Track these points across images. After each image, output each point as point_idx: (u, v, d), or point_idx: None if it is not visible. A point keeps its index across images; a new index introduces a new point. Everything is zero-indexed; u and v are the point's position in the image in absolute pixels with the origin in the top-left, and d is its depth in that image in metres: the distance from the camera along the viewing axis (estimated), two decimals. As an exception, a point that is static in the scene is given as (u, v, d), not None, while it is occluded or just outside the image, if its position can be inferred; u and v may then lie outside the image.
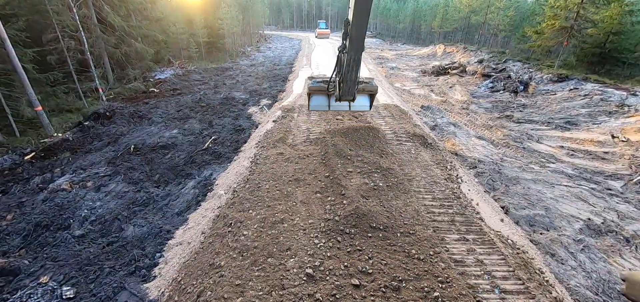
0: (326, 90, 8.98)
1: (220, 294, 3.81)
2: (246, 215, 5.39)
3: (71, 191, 8.46)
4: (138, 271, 5.27)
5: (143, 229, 6.44)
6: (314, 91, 9.17)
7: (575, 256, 5.54)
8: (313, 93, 9.25)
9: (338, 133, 8.85)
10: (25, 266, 5.82)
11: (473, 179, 7.77)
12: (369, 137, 8.62)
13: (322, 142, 8.39)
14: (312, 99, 9.55)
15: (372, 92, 9.31)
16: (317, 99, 9.58)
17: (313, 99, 9.53)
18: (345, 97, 8.39)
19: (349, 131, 9.04)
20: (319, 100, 9.61)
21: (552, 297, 4.17)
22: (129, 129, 13.07)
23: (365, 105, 9.93)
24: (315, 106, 9.74)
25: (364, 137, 8.61)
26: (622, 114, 11.29)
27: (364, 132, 8.92)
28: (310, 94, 9.27)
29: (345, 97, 8.34)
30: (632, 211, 6.99)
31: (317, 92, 9.23)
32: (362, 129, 9.23)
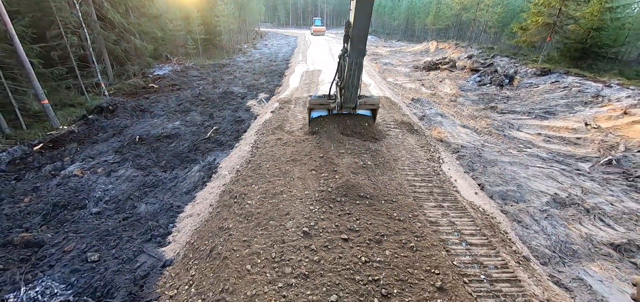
0: (327, 103, 8.62)
1: (230, 247, 4.51)
2: (249, 189, 6.08)
3: (83, 177, 9.06)
4: (154, 238, 5.94)
5: (155, 206, 7.10)
6: (315, 105, 8.74)
7: (539, 222, 6.32)
8: (314, 108, 8.84)
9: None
10: (49, 238, 6.45)
11: (454, 161, 8.53)
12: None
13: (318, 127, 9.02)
14: (313, 114, 9.24)
15: (373, 105, 8.88)
16: (318, 114, 9.31)
17: (314, 113, 9.23)
18: (347, 105, 8.15)
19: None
20: (320, 114, 9.34)
21: (511, 250, 4.92)
22: (132, 122, 13.63)
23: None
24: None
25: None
26: (597, 104, 12.14)
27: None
28: (311, 109, 8.85)
29: (347, 104, 8.10)
30: (596, 187, 7.80)
31: (318, 107, 8.83)
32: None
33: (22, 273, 5.43)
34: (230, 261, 4.26)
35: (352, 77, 7.37)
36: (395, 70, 23.02)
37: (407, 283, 3.85)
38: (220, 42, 34.74)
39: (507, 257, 4.63)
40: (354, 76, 7.36)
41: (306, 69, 21.20)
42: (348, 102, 8.03)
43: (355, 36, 6.72)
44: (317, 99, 8.70)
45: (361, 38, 6.78)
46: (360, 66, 7.25)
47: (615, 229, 6.31)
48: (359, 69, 7.27)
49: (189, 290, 4.10)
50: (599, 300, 4.59)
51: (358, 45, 6.85)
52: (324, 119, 8.89)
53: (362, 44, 6.88)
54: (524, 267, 4.60)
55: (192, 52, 29.95)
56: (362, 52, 7.02)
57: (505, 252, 4.77)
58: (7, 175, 9.44)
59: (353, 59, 7.06)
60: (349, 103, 8.08)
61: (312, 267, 4.08)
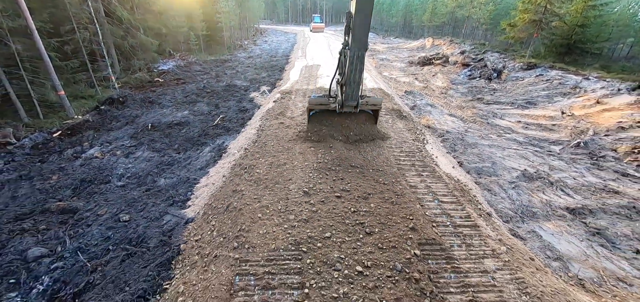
0: (327, 103, 8.11)
1: (243, 203, 5.50)
2: (257, 162, 7.07)
3: (103, 158, 10.02)
4: (175, 203, 6.92)
5: (173, 180, 8.07)
6: (315, 105, 8.20)
7: (506, 191, 7.33)
8: (314, 108, 8.29)
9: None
10: (82, 206, 7.42)
11: (438, 143, 9.53)
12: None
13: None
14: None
15: (375, 106, 8.28)
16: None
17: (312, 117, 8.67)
18: (349, 103, 7.61)
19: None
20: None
21: (476, 208, 5.93)
22: (142, 112, 14.55)
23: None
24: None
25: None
26: (574, 94, 13.14)
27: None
28: (310, 109, 8.31)
29: (349, 102, 7.57)
30: (562, 165, 8.81)
31: (317, 107, 8.30)
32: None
33: (65, 230, 6.41)
34: (244, 212, 5.25)
35: (354, 72, 6.88)
36: (391, 65, 23.98)
37: (387, 225, 4.84)
38: (222, 38, 35.61)
39: (471, 211, 5.63)
40: (355, 71, 6.87)
41: (305, 63, 22.13)
42: (349, 100, 7.45)
43: (357, 27, 6.32)
44: (316, 98, 8.15)
45: (363, 29, 6.36)
46: (362, 60, 6.77)
47: (573, 197, 7.32)
48: (361, 63, 6.78)
49: (212, 234, 5.09)
50: (546, 245, 5.60)
51: (360, 36, 6.44)
52: (324, 122, 8.39)
53: (364, 36, 6.45)
54: (484, 219, 5.60)
55: (195, 48, 30.80)
56: (364, 45, 6.57)
57: (471, 208, 5.77)
58: (32, 158, 10.37)
59: (355, 52, 6.62)
60: (350, 101, 7.50)
61: (311, 215, 5.07)
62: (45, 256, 5.71)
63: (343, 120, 8.40)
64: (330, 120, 8.39)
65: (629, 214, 6.74)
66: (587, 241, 5.93)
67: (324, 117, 8.46)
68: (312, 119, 8.48)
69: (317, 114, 8.45)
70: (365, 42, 6.58)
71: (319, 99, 8.18)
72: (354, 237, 4.59)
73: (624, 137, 9.75)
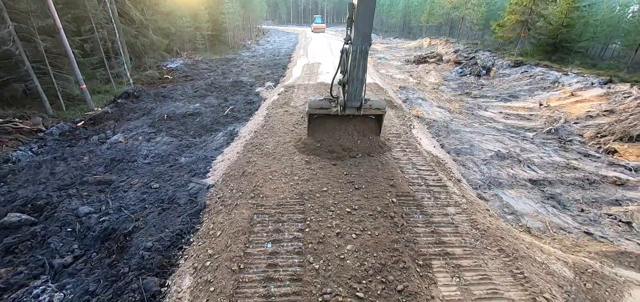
0: (328, 107, 7.61)
1: (256, 169, 6.75)
2: (266, 140, 8.32)
3: (127, 143, 11.27)
4: (197, 175, 8.16)
5: (192, 158, 9.32)
6: (315, 109, 7.65)
7: (479, 166, 8.55)
8: (314, 113, 7.72)
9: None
10: (115, 179, 8.66)
11: (425, 129, 10.76)
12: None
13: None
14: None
15: (379, 110, 7.61)
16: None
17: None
18: (352, 104, 7.11)
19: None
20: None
21: (448, 176, 7.15)
22: (156, 105, 15.80)
23: None
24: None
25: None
26: (553, 88, 14.35)
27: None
28: (311, 114, 7.75)
29: (352, 102, 7.08)
30: (533, 148, 10.03)
31: (318, 111, 7.71)
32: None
33: (106, 195, 7.66)
34: (257, 175, 6.49)
35: (357, 69, 6.48)
36: (388, 63, 25.22)
37: (372, 183, 6.08)
38: (226, 38, 36.95)
39: (443, 177, 6.85)
40: (358, 68, 6.47)
41: (307, 62, 23.38)
42: (353, 99, 7.02)
43: (360, 18, 5.97)
44: (317, 102, 7.67)
45: (366, 21, 6.02)
46: (366, 56, 6.41)
47: (536, 172, 8.54)
48: (364, 58, 6.40)
49: (232, 191, 6.33)
50: (505, 204, 6.83)
51: (363, 29, 6.07)
52: (324, 129, 7.89)
53: (368, 28, 6.09)
54: (454, 183, 6.82)
55: (201, 47, 32.10)
56: (367, 38, 6.20)
57: (443, 175, 7.00)
58: (62, 143, 11.64)
59: (358, 46, 6.25)
60: (353, 101, 7.06)
61: (311, 176, 6.31)
62: (93, 212, 6.96)
63: (345, 127, 7.84)
64: (331, 128, 7.85)
65: (582, 185, 7.96)
66: (541, 203, 7.15)
67: (324, 125, 7.90)
68: (312, 124, 7.94)
69: (318, 121, 7.91)
70: (369, 34, 6.18)
71: (319, 102, 7.66)
72: (345, 191, 5.82)
73: (590, 124, 10.96)
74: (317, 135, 7.92)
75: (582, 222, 6.55)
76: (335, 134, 7.83)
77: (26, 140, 11.79)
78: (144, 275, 4.66)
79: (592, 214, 6.84)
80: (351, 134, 7.85)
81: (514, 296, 4.03)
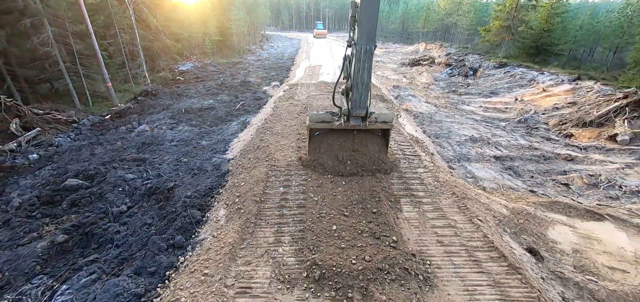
0: (330, 120, 7.06)
1: (268, 143, 8.44)
2: (275, 125, 10.03)
3: (152, 131, 12.98)
4: (217, 153, 9.84)
5: (212, 141, 11.02)
6: (317, 124, 7.02)
7: (452, 146, 10.19)
8: (315, 127, 7.11)
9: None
10: (149, 157, 10.35)
11: (411, 119, 12.43)
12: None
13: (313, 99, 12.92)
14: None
15: (386, 123, 7.04)
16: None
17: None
18: (356, 112, 6.57)
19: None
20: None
21: (423, 150, 8.80)
22: (173, 102, 17.56)
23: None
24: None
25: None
26: (529, 85, 16.01)
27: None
28: (312, 129, 7.15)
29: (356, 111, 6.54)
30: (503, 133, 11.66)
31: (320, 126, 7.09)
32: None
33: (144, 167, 9.35)
34: (269, 147, 8.19)
35: (362, 71, 6.04)
36: (384, 66, 27.00)
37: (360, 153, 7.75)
38: (232, 43, 38.91)
39: (419, 150, 8.51)
40: (363, 70, 6.03)
41: (309, 64, 25.17)
42: (357, 108, 6.50)
43: (364, 17, 5.64)
44: (318, 115, 7.07)
45: (371, 19, 5.69)
46: (371, 56, 5.97)
47: (501, 151, 10.17)
48: (369, 59, 5.97)
49: (250, 159, 8.01)
50: (468, 172, 8.46)
51: (368, 28, 5.74)
52: (326, 149, 7.30)
53: (372, 27, 5.75)
54: (427, 154, 8.47)
55: (209, 51, 34.03)
56: (372, 37, 5.82)
57: (419, 149, 8.65)
58: (94, 132, 13.36)
59: (362, 46, 5.84)
60: (358, 109, 6.53)
61: (312, 147, 7.99)
62: (137, 178, 8.64)
63: (350, 145, 7.34)
64: (334, 147, 7.29)
65: (538, 160, 9.59)
66: (500, 172, 8.78)
67: (326, 142, 7.34)
68: (312, 142, 7.34)
69: (319, 138, 7.35)
70: (374, 35, 5.84)
71: (320, 116, 7.07)
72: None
73: (555, 114, 12.60)
74: (318, 154, 7.25)
75: (529, 185, 8.18)
76: (337, 156, 7.18)
77: (63, 129, 13.52)
78: (189, 209, 6.33)
79: (539, 179, 8.47)
80: (355, 153, 7.24)
81: (457, 218, 5.67)
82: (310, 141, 7.33)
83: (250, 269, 4.34)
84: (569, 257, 5.61)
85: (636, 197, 7.55)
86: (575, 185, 8.15)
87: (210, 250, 4.80)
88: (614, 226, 6.45)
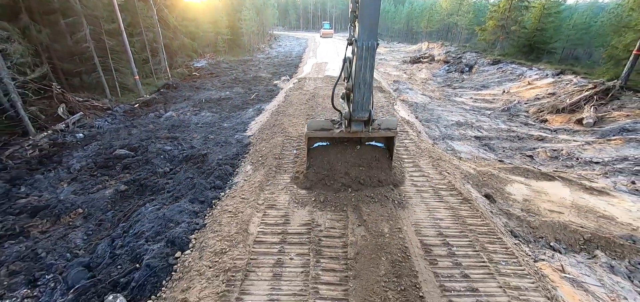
0: (330, 127, 6.64)
1: (282, 122, 10.20)
2: (287, 109, 11.79)
3: (178, 117, 14.82)
4: (239, 132, 11.62)
5: (233, 123, 12.81)
6: (315, 132, 6.66)
7: (439, 128, 11.81)
8: (313, 136, 6.76)
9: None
10: (179, 136, 12.16)
11: (406, 108, 14.06)
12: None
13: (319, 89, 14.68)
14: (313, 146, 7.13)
15: (390, 130, 6.59)
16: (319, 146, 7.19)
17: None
18: (359, 115, 6.07)
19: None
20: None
21: (412, 129, 10.46)
22: (192, 94, 19.42)
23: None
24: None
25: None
26: (517, 80, 17.48)
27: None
28: (310, 137, 6.78)
29: (359, 114, 6.06)
30: (486, 120, 13.22)
31: (319, 133, 6.71)
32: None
33: (178, 143, 11.18)
34: (283, 124, 9.95)
35: (364, 69, 5.60)
36: (387, 63, 28.60)
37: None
38: (242, 42, 40.89)
39: (408, 129, 10.16)
40: (365, 69, 5.61)
41: (316, 61, 26.91)
42: (359, 110, 6.03)
43: (365, 10, 5.30)
44: (317, 122, 6.71)
45: (373, 12, 5.33)
46: (373, 54, 5.57)
47: (481, 133, 11.76)
48: (371, 56, 5.57)
49: (268, 133, 9.77)
50: (449, 146, 10.08)
51: (369, 22, 5.36)
52: (326, 162, 6.86)
53: (374, 20, 5.37)
54: (414, 132, 10.12)
55: (221, 49, 36.00)
56: (374, 32, 5.43)
57: (409, 128, 10.30)
58: (127, 117, 15.22)
59: (363, 42, 5.45)
60: (360, 111, 6.05)
61: (319, 123, 9.72)
62: (173, 149, 10.46)
63: (351, 158, 6.91)
64: (334, 160, 6.87)
65: (512, 139, 11.16)
66: (477, 148, 10.39)
67: (325, 155, 6.95)
68: (311, 154, 6.94)
69: (318, 151, 6.99)
70: (376, 30, 5.45)
71: (319, 123, 6.70)
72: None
73: (536, 104, 14.11)
74: (316, 169, 6.74)
75: (500, 157, 9.77)
76: (338, 170, 6.68)
77: (100, 115, 15.44)
78: (223, 166, 8.11)
79: (510, 153, 10.06)
80: (358, 168, 6.74)
81: (430, 171, 7.33)
82: (309, 154, 6.85)
83: (274, 196, 6.08)
84: (518, 203, 7.23)
85: (588, 166, 9.10)
86: (539, 157, 9.72)
87: (244, 187, 6.56)
88: (562, 184, 8.03)
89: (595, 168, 8.92)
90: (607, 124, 11.01)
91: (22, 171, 9.42)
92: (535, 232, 6.26)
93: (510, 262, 4.84)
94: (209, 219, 5.70)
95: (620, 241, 6.03)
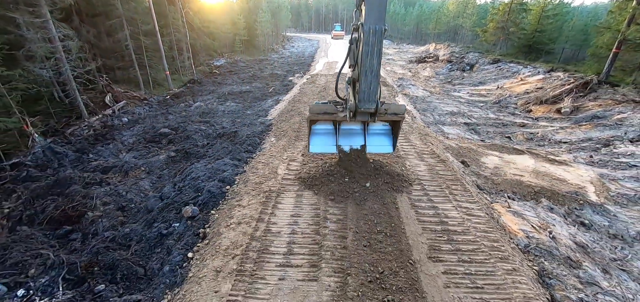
0: (334, 112, 6.30)
1: (298, 107, 12.21)
2: (302, 97, 13.80)
3: (206, 106, 17.01)
4: (261, 117, 13.67)
5: (255, 110, 14.88)
6: (318, 115, 6.42)
7: (434, 117, 13.56)
8: (317, 119, 6.60)
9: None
10: (210, 120, 14.31)
11: (406, 100, 15.85)
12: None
13: (330, 84, 16.61)
14: (313, 138, 7.02)
15: (396, 115, 6.32)
16: (319, 139, 7.11)
17: (315, 138, 7.05)
18: (365, 105, 5.62)
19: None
20: (323, 139, 7.13)
21: (410, 115, 12.27)
22: (216, 88, 21.64)
23: (385, 146, 7.23)
24: (318, 145, 7.08)
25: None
26: (512, 76, 18.99)
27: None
28: (312, 120, 6.58)
29: (365, 105, 5.61)
30: (478, 111, 14.88)
31: (322, 118, 6.54)
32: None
33: (210, 124, 13.31)
34: (299, 109, 11.94)
35: (371, 58, 5.18)
36: (394, 63, 30.34)
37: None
38: (258, 43, 43.28)
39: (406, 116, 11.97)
40: (372, 55, 5.17)
41: (327, 60, 28.93)
42: (365, 101, 5.61)
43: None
44: (319, 106, 6.37)
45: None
46: (381, 40, 5.13)
47: (471, 120, 13.45)
48: (379, 42, 5.13)
49: (286, 116, 11.77)
50: (440, 129, 11.85)
51: (377, 6, 5.00)
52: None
53: (381, 3, 4.99)
54: (410, 117, 11.93)
55: (237, 49, 38.42)
56: (381, 16, 5.03)
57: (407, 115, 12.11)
58: (161, 107, 17.47)
59: (370, 25, 5.04)
60: (367, 102, 5.63)
61: (329, 108, 11.68)
62: (207, 129, 12.58)
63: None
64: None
65: (497, 125, 12.83)
66: (464, 132, 12.11)
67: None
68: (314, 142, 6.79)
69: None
70: (384, 13, 5.08)
71: (323, 106, 6.35)
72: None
73: (525, 97, 15.67)
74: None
75: (482, 138, 11.49)
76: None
77: (139, 104, 17.77)
78: (251, 138, 10.15)
79: (492, 136, 11.76)
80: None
81: (417, 143, 9.17)
82: (310, 136, 6.73)
83: (294, 154, 8.06)
84: (489, 169, 8.99)
85: (556, 145, 10.74)
86: (516, 139, 11.40)
87: (271, 150, 8.59)
88: (529, 156, 9.73)
89: (562, 147, 10.55)
90: (581, 113, 12.55)
91: (85, 144, 11.67)
92: (497, 187, 8.03)
93: (468, 199, 6.65)
94: (247, 168, 7.72)
95: (564, 194, 7.74)
